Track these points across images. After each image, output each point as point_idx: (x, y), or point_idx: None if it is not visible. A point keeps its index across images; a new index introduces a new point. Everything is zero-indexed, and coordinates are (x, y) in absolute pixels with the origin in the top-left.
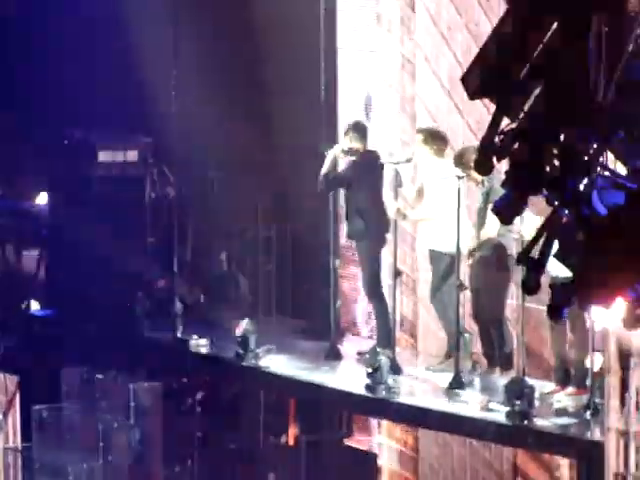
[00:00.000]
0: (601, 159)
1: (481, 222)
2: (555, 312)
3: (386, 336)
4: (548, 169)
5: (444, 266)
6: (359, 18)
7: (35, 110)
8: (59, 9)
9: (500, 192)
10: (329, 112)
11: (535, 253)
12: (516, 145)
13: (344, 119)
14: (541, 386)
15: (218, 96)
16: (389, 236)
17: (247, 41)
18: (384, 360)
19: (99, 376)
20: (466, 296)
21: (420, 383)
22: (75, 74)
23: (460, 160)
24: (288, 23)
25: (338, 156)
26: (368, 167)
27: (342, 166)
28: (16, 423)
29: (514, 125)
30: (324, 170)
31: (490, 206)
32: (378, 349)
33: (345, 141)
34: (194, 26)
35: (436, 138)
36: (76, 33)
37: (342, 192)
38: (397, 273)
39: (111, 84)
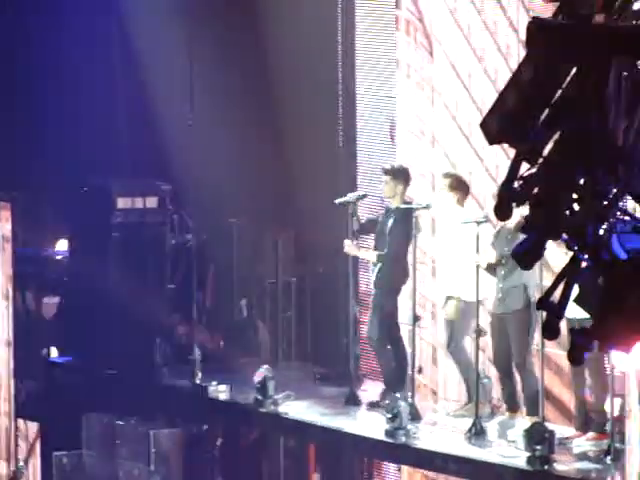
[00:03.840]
0: (621, 204)
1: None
2: (575, 357)
3: (401, 381)
4: (568, 213)
5: (461, 312)
6: (378, 63)
7: (53, 158)
8: (75, 60)
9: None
10: (348, 159)
11: (555, 298)
12: (535, 190)
13: (363, 166)
14: (561, 431)
15: (236, 143)
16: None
17: (265, 85)
18: (404, 406)
19: (119, 423)
20: (485, 342)
21: (440, 429)
22: (93, 122)
23: None
24: (306, 66)
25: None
26: (404, 214)
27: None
28: (36, 470)
29: (533, 170)
30: (355, 227)
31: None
32: (397, 395)
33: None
34: (211, 73)
35: (461, 185)
36: (93, 82)
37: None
38: (416, 318)
39: (129, 132)
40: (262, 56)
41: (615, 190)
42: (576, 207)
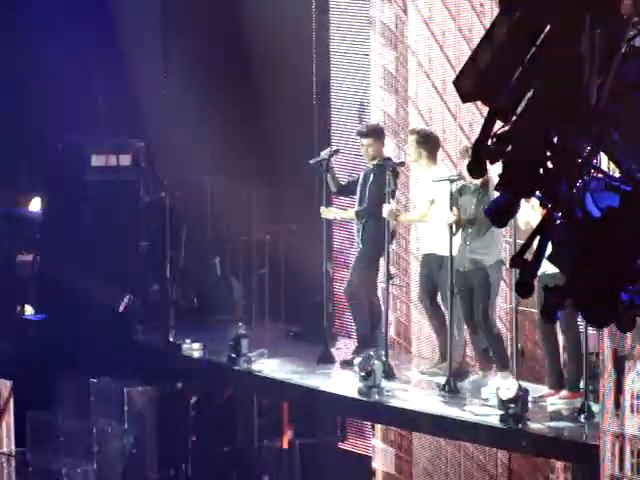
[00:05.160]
0: (595, 161)
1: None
2: (548, 314)
3: (374, 338)
4: (541, 171)
5: (438, 269)
6: (352, 22)
7: (28, 115)
8: (45, 15)
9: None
10: (322, 116)
11: (528, 256)
12: (509, 148)
13: (337, 124)
14: (535, 389)
15: (211, 100)
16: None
17: (239, 45)
18: (377, 364)
19: (93, 380)
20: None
21: (413, 387)
22: (67, 81)
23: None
24: (280, 26)
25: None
26: (382, 171)
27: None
28: (10, 428)
29: (507, 128)
30: (332, 186)
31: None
32: (371, 353)
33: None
34: (185, 31)
35: (430, 140)
36: (65, 38)
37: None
38: (390, 276)
39: (103, 89)
40: (236, 13)
41: (589, 148)
42: (550, 165)
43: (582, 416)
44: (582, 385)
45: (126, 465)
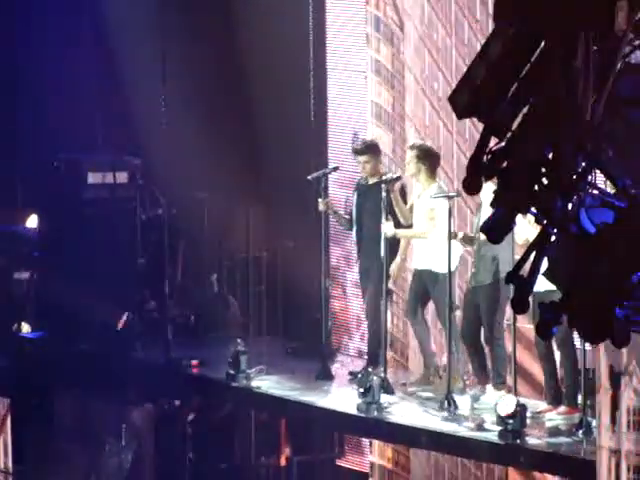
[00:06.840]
0: (590, 177)
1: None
2: (544, 331)
3: (379, 355)
4: (536, 188)
5: (433, 285)
6: (348, 39)
7: (24, 132)
8: (44, 32)
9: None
10: (319, 133)
11: (524, 272)
12: (504, 164)
13: (334, 141)
14: (533, 405)
15: (207, 117)
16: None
17: (237, 63)
18: (376, 380)
19: (90, 398)
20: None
21: (412, 403)
22: (64, 96)
23: None
24: (277, 44)
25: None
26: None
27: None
28: (7, 445)
29: (502, 144)
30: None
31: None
32: (370, 369)
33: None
34: (182, 47)
35: (430, 155)
36: (63, 56)
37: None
38: (387, 292)
39: (100, 106)
40: (232, 32)
41: (584, 164)
42: (545, 181)
43: (580, 432)
44: (580, 401)
45: None
